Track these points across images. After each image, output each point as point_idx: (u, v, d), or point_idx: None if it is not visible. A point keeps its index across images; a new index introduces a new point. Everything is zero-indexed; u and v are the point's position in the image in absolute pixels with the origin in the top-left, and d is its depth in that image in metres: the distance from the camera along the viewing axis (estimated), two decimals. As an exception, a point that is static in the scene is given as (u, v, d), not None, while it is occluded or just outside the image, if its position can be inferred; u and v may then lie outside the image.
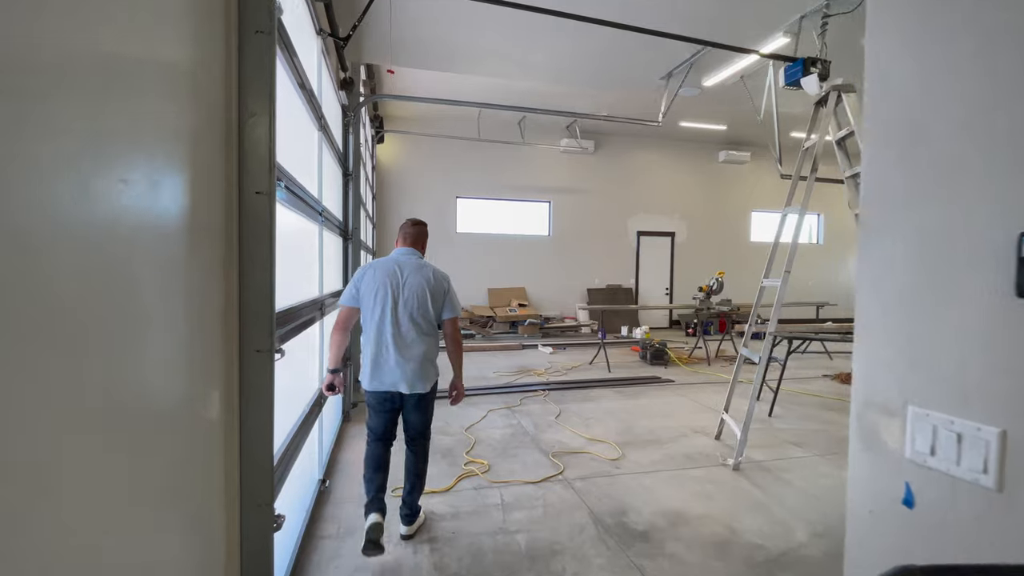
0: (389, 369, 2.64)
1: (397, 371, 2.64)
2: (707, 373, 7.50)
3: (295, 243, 2.76)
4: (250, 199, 1.72)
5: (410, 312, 2.66)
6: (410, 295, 2.66)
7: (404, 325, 2.65)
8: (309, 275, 3.14)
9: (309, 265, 3.18)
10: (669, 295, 13.09)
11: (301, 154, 2.85)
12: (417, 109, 10.94)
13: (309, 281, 3.15)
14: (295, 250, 2.76)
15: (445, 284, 2.77)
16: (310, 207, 2.85)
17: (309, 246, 3.13)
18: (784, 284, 3.96)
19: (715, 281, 8.28)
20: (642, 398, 6.02)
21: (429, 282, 2.71)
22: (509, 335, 11.03)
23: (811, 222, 14.58)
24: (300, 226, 2.86)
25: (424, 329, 2.69)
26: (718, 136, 12.64)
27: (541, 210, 12.48)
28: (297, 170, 2.53)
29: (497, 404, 5.63)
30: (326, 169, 3.82)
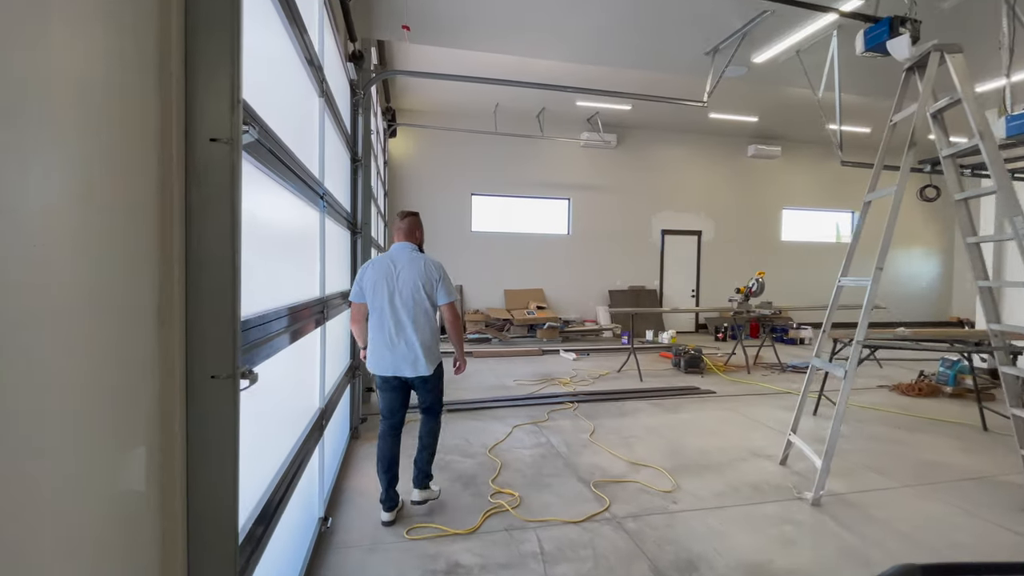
0: (391, 355, 2.91)
1: (399, 356, 2.91)
2: (748, 383, 6.84)
3: (285, 229, 2.18)
4: (202, 151, 1.15)
5: (406, 303, 2.91)
6: (404, 287, 2.92)
7: (401, 315, 2.91)
8: (307, 272, 2.57)
9: (308, 260, 2.61)
10: (695, 297, 12.40)
11: (295, 120, 2.29)
12: (431, 102, 10.41)
13: (307, 279, 2.58)
14: (286, 239, 2.19)
15: (436, 274, 2.97)
16: (304, 183, 2.27)
17: (305, 237, 2.57)
18: (876, 283, 3.30)
19: (755, 282, 7.62)
20: (683, 412, 5.38)
21: (421, 274, 2.94)
22: (527, 339, 10.43)
23: (843, 220, 13.81)
24: (293, 210, 2.29)
25: (420, 317, 2.93)
26: (747, 129, 11.95)
27: (560, 208, 11.88)
28: (288, 134, 1.96)
29: (521, 418, 5.03)
30: (331, 148, 3.26)
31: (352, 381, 4.35)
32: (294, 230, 2.31)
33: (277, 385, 1.99)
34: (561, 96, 9.87)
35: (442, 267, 3.01)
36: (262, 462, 1.81)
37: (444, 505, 3.17)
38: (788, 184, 13.03)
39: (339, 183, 3.77)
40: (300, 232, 2.43)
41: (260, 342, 1.59)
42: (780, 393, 6.30)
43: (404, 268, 2.92)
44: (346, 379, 4.12)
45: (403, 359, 2.89)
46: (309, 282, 2.60)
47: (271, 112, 1.69)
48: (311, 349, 2.68)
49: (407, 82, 9.50)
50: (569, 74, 8.93)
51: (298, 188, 2.21)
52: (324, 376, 2.83)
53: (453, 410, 5.27)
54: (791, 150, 12.78)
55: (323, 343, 2.79)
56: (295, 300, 2.24)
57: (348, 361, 4.30)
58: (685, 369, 7.35)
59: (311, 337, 2.60)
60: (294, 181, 2.06)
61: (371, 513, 3.05)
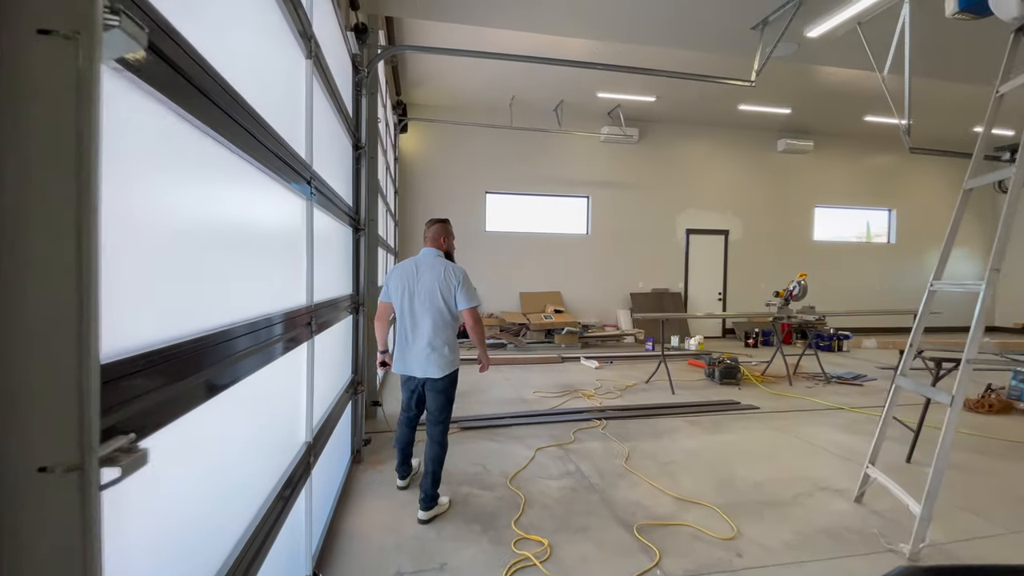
0: (408, 355, 3.04)
1: (411, 356, 3.03)
2: (793, 396, 6.20)
3: (252, 220, 1.65)
4: (22, 50, 0.62)
5: (422, 305, 3.01)
6: (422, 291, 3.01)
7: (418, 318, 3.01)
8: (286, 274, 2.04)
9: (288, 260, 2.08)
10: (722, 300, 11.73)
11: (264, 73, 1.76)
12: (444, 96, 9.90)
13: (287, 283, 2.05)
14: (252, 232, 1.66)
15: (455, 279, 3.03)
16: (278, 159, 1.74)
17: (286, 231, 2.04)
18: (990, 287, 2.67)
19: (796, 285, 6.97)
20: (726, 432, 4.78)
21: (439, 279, 3.01)
22: (545, 345, 9.87)
23: (880, 219, 13.03)
24: (262, 194, 1.76)
25: (437, 322, 2.99)
26: (778, 122, 11.27)
27: (579, 206, 11.30)
28: (246, 84, 1.42)
29: (544, 439, 4.47)
30: (325, 128, 2.74)
31: (354, 397, 3.83)
32: (266, 221, 1.78)
33: (233, 430, 1.46)
34: (581, 88, 9.32)
35: (463, 273, 3.07)
36: (214, 533, 1.28)
37: (459, 554, 2.62)
38: (820, 181, 12.30)
39: (338, 172, 3.26)
40: (276, 225, 1.90)
41: (185, 382, 1.05)
42: (831, 409, 5.65)
43: (424, 273, 3.03)
44: (347, 396, 3.61)
45: (414, 359, 3.01)
46: (290, 287, 2.07)
47: (207, 34, 1.16)
48: (295, 370, 2.15)
49: (418, 75, 9.01)
50: (601, 49, 8.36)
51: (269, 165, 1.68)
52: (312, 402, 2.31)
53: (469, 427, 4.73)
54: (824, 144, 12.06)
55: (311, 362, 2.27)
56: (265, 311, 1.71)
57: (350, 375, 3.78)
58: (720, 380, 6.73)
59: (294, 356, 2.08)
60: (257, 151, 1.53)
61: (374, 563, 2.52)
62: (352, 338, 3.86)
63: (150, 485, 0.94)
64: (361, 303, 3.90)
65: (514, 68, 8.59)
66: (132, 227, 0.92)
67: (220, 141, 1.28)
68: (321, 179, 2.47)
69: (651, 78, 8.79)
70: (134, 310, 0.92)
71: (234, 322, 1.39)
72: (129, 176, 0.91)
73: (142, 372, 0.88)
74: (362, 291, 3.91)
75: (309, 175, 2.22)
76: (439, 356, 2.98)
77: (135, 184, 0.94)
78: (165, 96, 0.97)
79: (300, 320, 2.11)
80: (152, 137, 0.99)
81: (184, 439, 1.09)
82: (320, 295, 2.54)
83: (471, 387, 6.37)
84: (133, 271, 0.92)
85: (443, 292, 2.99)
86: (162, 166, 1.04)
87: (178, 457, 1.08)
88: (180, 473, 1.11)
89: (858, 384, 6.91)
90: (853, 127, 11.42)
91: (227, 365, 1.32)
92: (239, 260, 1.50)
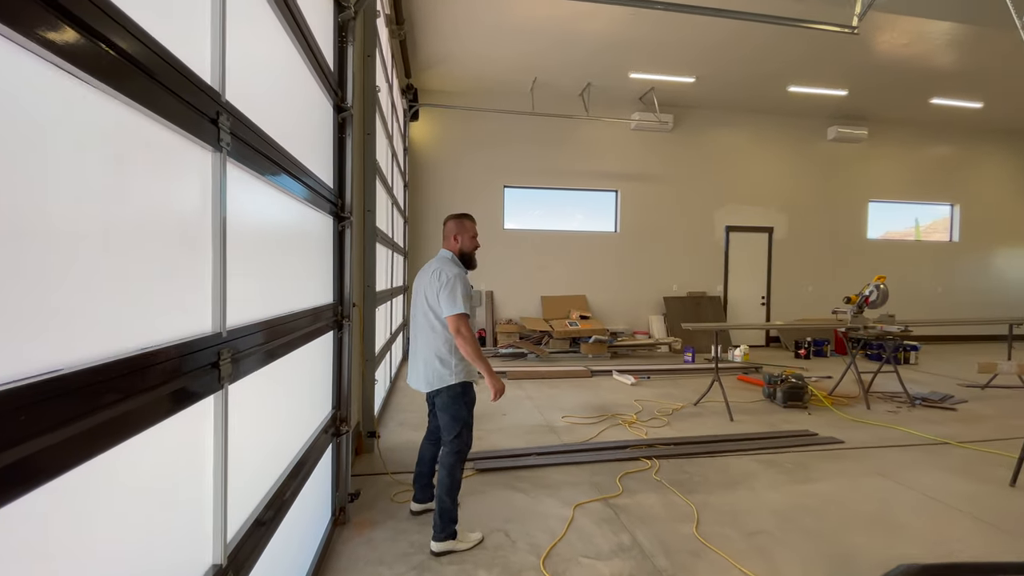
0: (411, 367, 2.86)
1: (414, 370, 2.82)
2: (876, 424, 5.11)
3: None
4: None
5: (416, 315, 2.81)
6: (417, 298, 2.80)
7: (416, 326, 2.81)
8: (179, 284, 1.10)
9: (185, 260, 1.14)
10: (766, 305, 10.59)
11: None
12: (459, 79, 8.98)
13: (157, 295, 1.10)
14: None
15: (439, 283, 2.67)
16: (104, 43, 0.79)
17: (163, 211, 1.09)
18: None
19: (873, 289, 5.87)
20: (817, 478, 3.73)
21: (432, 281, 2.72)
22: (570, 355, 8.87)
23: (940, 214, 11.76)
24: (101, 135, 0.81)
25: (425, 330, 2.75)
26: (828, 108, 10.13)
27: (606, 201, 10.28)
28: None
29: (583, 488, 3.49)
30: (268, 49, 1.81)
31: (335, 440, 2.89)
32: (103, 189, 0.84)
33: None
34: (611, 68, 8.33)
35: (452, 275, 2.67)
36: None
37: None
38: (875, 173, 11.09)
39: (305, 135, 2.33)
40: (139, 197, 0.97)
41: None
42: (933, 444, 4.56)
43: (424, 278, 2.82)
44: (324, 438, 2.68)
45: (415, 372, 2.84)
46: (176, 303, 1.14)
47: None
48: (193, 444, 1.22)
49: (430, 56, 8.11)
50: (622, 39, 7.38)
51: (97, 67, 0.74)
52: (226, 493, 1.36)
53: (486, 469, 3.77)
54: (879, 132, 10.86)
55: (221, 428, 1.32)
56: (102, 354, 0.77)
57: (329, 411, 2.85)
58: (784, 402, 5.66)
59: (181, 425, 1.14)
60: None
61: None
62: (335, 361, 2.92)
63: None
64: (346, 315, 2.97)
65: (536, 46, 7.64)
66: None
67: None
68: (250, 124, 1.52)
69: (694, 54, 7.77)
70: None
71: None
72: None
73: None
74: (348, 298, 2.98)
75: (216, 109, 1.28)
76: (427, 369, 2.72)
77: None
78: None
79: (194, 362, 1.17)
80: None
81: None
82: (253, 312, 1.60)
83: (487, 408, 5.42)
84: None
85: (428, 297, 2.73)
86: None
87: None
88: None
89: (949, 408, 5.79)
90: (916, 112, 10.22)
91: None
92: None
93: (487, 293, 9.67)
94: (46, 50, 0.74)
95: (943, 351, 9.93)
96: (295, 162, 1.99)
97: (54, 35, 0.75)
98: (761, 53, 7.83)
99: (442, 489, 2.66)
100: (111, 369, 0.89)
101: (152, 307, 1.06)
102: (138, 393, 0.97)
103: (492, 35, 7.36)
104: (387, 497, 3.33)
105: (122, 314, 0.96)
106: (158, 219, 1.09)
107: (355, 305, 3.30)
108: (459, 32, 7.32)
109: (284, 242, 1.99)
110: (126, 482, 0.98)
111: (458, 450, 2.70)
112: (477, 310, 9.65)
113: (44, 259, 0.78)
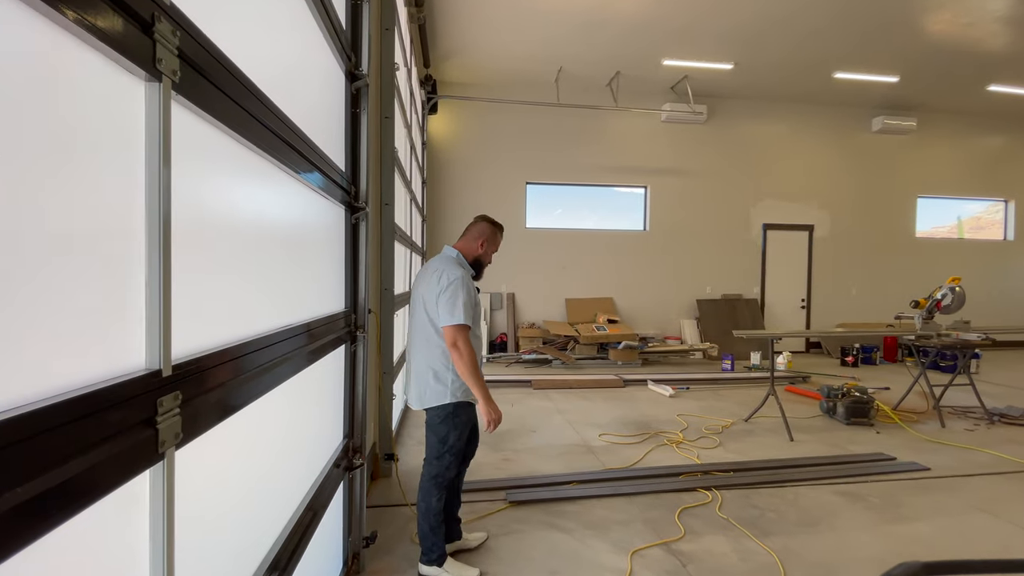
0: (406, 381, 2.53)
1: (410, 383, 2.47)
2: (958, 445, 4.49)
3: None
4: None
5: (414, 321, 2.45)
6: (415, 303, 2.45)
7: (410, 335, 2.49)
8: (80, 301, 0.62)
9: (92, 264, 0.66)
10: (806, 308, 9.92)
11: None
12: (480, 71, 8.50)
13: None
14: None
15: (438, 287, 2.29)
16: None
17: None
18: None
19: (947, 292, 5.23)
20: (911, 516, 3.15)
21: (429, 285, 2.36)
22: (598, 362, 8.33)
23: (995, 211, 10.96)
24: None
25: (423, 340, 2.40)
26: (873, 97, 9.44)
27: (635, 198, 9.73)
28: None
29: (636, 527, 2.97)
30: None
31: (348, 475, 2.42)
32: None
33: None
34: (641, 54, 7.79)
35: (457, 277, 2.31)
36: None
37: None
38: (924, 166, 10.35)
39: (311, 104, 1.86)
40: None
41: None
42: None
43: (422, 278, 2.43)
44: (336, 474, 2.21)
45: (410, 386, 2.46)
46: (55, 327, 0.66)
47: None
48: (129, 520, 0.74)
49: (450, 45, 7.65)
50: (654, 23, 6.83)
51: None
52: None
53: (520, 501, 3.26)
54: (929, 123, 10.12)
55: (162, 519, 0.84)
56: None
57: (341, 440, 2.37)
58: (847, 419, 5.06)
59: (91, 527, 0.66)
60: None
61: None
62: (347, 380, 2.45)
63: None
64: (361, 324, 2.49)
65: (562, 30, 7.13)
66: None
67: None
68: (216, 51, 1.03)
69: (733, 38, 7.19)
70: None
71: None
72: None
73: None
74: (363, 305, 2.50)
75: (152, 11, 0.80)
76: (420, 383, 2.39)
77: None
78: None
79: (104, 425, 0.69)
80: None
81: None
82: (221, 332, 1.12)
83: (515, 423, 4.93)
84: None
85: (426, 301, 2.36)
86: None
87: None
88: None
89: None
90: (970, 100, 9.48)
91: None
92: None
93: (508, 295, 9.17)
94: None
95: (1002, 359, 9.17)
96: (288, 123, 1.50)
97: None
98: (807, 36, 7.23)
99: (419, 513, 2.44)
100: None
101: (19, 340, 0.58)
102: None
103: (515, 21, 6.87)
104: (407, 536, 2.85)
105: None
106: (35, 192, 0.61)
107: (371, 311, 2.83)
108: (480, 18, 6.84)
109: (276, 234, 1.51)
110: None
111: (436, 474, 2.39)
112: (497, 313, 9.16)
113: None
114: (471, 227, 2.53)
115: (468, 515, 3.03)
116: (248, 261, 1.29)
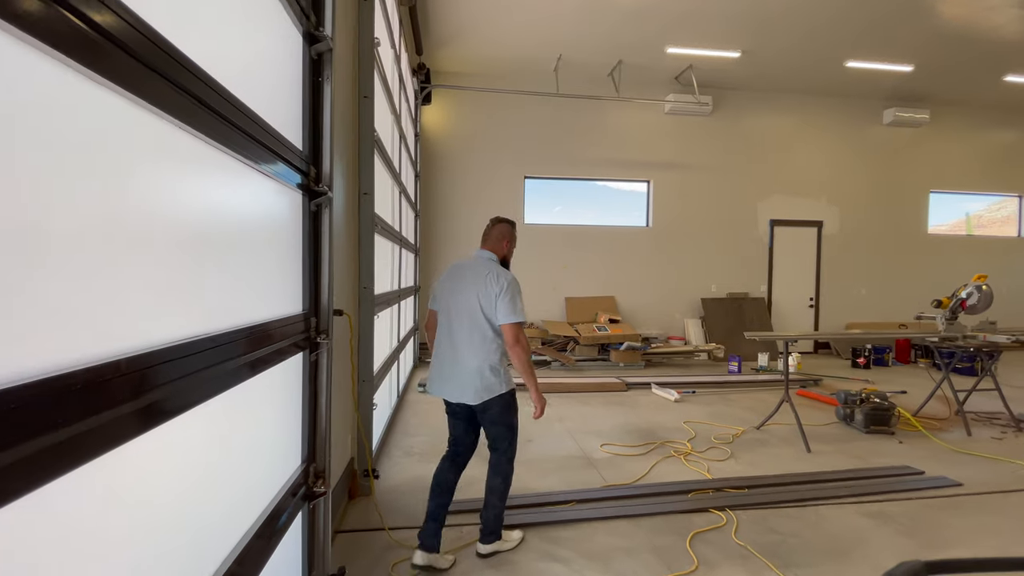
0: (447, 378, 2.58)
1: (452, 379, 2.56)
2: (987, 456, 4.15)
3: None
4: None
5: (461, 320, 2.55)
6: (462, 302, 2.56)
7: (457, 333, 2.56)
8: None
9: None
10: (815, 307, 9.57)
11: None
12: (476, 59, 8.15)
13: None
14: None
15: (497, 287, 2.49)
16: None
17: None
18: None
19: (973, 291, 4.88)
20: (947, 539, 2.81)
21: (483, 286, 2.52)
22: (599, 364, 7.99)
23: (998, 208, 10.60)
24: None
25: (475, 338, 2.53)
26: (884, 88, 9.08)
27: (637, 193, 9.38)
28: None
29: (641, 553, 2.64)
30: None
31: (308, 504, 2.07)
32: None
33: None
34: (645, 42, 7.44)
35: (509, 279, 2.53)
36: None
37: None
38: (937, 160, 9.99)
39: (247, 64, 1.51)
40: None
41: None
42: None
43: (468, 278, 2.58)
44: (293, 504, 1.87)
45: (456, 384, 2.54)
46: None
47: None
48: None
49: (445, 31, 7.29)
50: (658, 7, 6.48)
51: None
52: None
53: (512, 525, 2.91)
54: (942, 115, 9.76)
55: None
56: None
57: (298, 465, 2.03)
58: (866, 427, 4.71)
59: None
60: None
61: None
62: (306, 395, 2.10)
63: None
64: (323, 329, 2.14)
65: (563, 17, 6.78)
66: None
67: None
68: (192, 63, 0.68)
69: (741, 24, 6.82)
70: None
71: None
72: None
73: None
74: (326, 306, 2.16)
75: None
76: (477, 379, 2.50)
77: None
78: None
79: None
80: None
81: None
82: (108, 343, 0.77)
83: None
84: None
85: (482, 302, 2.51)
86: None
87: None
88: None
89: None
90: (986, 91, 9.12)
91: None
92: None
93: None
94: None
95: (1020, 360, 8.81)
96: (207, 80, 1.16)
97: None
98: (818, 22, 6.87)
99: (496, 496, 2.59)
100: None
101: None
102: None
103: (512, 2, 6.51)
104: (384, 566, 2.51)
105: None
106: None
107: (341, 313, 2.49)
108: (475, 7, 6.49)
109: (192, 225, 1.17)
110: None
111: (512, 456, 2.64)
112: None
113: None
114: (492, 230, 2.71)
115: (454, 542, 2.70)
116: (137, 260, 0.94)
